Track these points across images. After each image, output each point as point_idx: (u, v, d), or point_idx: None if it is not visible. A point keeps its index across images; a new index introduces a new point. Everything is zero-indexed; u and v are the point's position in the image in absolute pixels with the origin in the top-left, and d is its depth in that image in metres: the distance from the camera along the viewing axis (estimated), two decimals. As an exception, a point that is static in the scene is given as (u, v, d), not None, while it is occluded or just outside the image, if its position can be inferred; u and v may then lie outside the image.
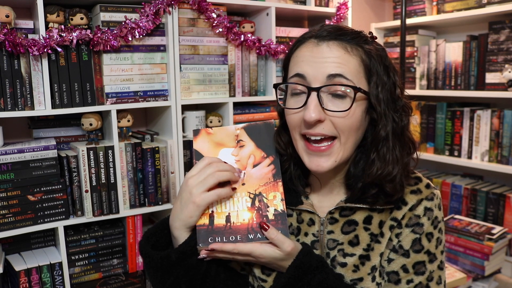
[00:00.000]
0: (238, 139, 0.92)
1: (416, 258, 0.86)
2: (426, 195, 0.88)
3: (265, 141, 0.92)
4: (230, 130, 0.92)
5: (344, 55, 0.80)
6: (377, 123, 0.83)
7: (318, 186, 0.94)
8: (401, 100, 0.85)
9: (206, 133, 0.92)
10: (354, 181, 0.88)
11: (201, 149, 0.91)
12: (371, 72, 0.82)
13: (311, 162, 0.84)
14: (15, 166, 1.41)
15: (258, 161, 0.91)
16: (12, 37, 1.33)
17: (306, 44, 0.84)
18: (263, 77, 1.89)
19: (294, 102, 0.84)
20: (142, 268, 1.68)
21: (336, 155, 0.83)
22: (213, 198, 0.84)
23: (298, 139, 0.85)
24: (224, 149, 0.91)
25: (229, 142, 0.92)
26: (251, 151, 0.91)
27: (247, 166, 0.90)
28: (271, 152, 0.91)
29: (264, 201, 0.88)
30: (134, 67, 1.59)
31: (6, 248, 1.56)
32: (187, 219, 0.84)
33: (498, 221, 1.98)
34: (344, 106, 0.80)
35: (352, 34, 0.83)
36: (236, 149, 0.91)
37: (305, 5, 1.97)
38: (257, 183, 0.89)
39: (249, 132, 0.92)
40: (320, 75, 0.80)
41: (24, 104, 1.42)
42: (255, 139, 0.92)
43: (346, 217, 0.89)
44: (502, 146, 1.94)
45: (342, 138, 0.82)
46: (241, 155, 0.91)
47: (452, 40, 2.21)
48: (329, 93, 0.80)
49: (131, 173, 1.61)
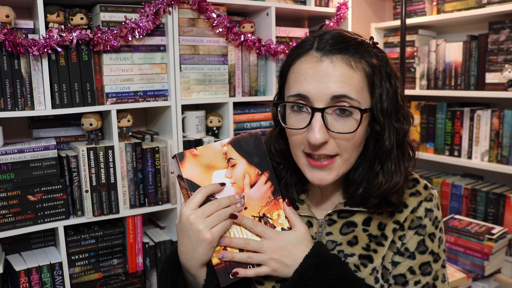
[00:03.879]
0: (228, 158, 0.84)
1: (422, 259, 0.86)
2: (425, 196, 0.89)
3: (256, 155, 0.86)
4: (216, 147, 0.84)
5: (349, 72, 0.77)
6: (380, 136, 0.82)
7: (317, 192, 0.93)
8: (402, 109, 0.84)
9: (192, 156, 0.83)
10: (353, 186, 0.87)
11: (193, 177, 0.83)
12: (374, 85, 0.80)
13: (313, 176, 0.82)
14: (15, 166, 1.41)
15: (254, 180, 0.85)
16: (12, 37, 1.33)
17: (307, 58, 0.80)
18: (263, 77, 1.89)
19: (296, 121, 0.81)
20: (142, 268, 1.68)
21: (338, 170, 0.82)
22: (221, 232, 0.81)
23: (300, 155, 0.84)
24: (216, 172, 0.84)
25: (219, 162, 0.84)
26: (244, 170, 0.85)
27: (244, 187, 0.85)
28: (265, 168, 0.86)
29: (270, 222, 0.86)
30: (134, 67, 1.59)
31: (6, 248, 1.56)
32: (202, 258, 0.81)
33: (498, 221, 1.98)
34: (349, 126, 0.78)
35: (355, 46, 0.79)
36: (228, 170, 0.85)
37: (305, 5, 1.97)
38: (258, 204, 0.86)
39: (237, 148, 0.85)
40: (323, 96, 0.77)
41: (24, 104, 1.42)
42: (245, 155, 0.85)
43: (344, 218, 0.89)
44: (502, 146, 1.94)
45: (344, 155, 0.81)
46: (235, 176, 0.85)
47: (452, 40, 2.21)
48: (334, 111, 0.78)
49: (131, 173, 1.61)
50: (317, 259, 0.82)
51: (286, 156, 0.91)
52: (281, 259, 0.82)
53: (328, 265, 0.82)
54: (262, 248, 0.82)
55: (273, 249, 0.82)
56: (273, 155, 0.93)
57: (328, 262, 0.82)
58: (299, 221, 0.86)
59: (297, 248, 0.83)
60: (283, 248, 0.83)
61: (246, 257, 0.82)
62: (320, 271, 0.81)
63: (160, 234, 1.77)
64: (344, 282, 0.81)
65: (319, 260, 0.82)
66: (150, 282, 1.73)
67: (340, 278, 0.81)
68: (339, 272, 0.82)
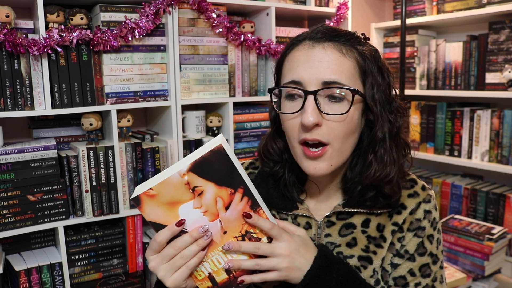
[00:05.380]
0: (192, 187, 0.74)
1: (421, 261, 0.87)
2: (424, 197, 0.89)
3: (224, 173, 0.74)
4: (175, 180, 0.73)
5: (340, 58, 0.79)
6: (373, 125, 0.83)
7: (315, 192, 0.93)
8: (395, 102, 0.85)
9: (149, 197, 0.74)
10: (351, 186, 0.87)
11: (157, 219, 0.76)
12: (366, 74, 0.82)
13: (308, 166, 0.82)
14: (15, 166, 1.41)
15: (228, 201, 0.76)
16: (12, 37, 1.33)
17: (300, 46, 0.83)
18: (263, 77, 1.89)
19: (290, 107, 0.82)
20: (142, 268, 1.68)
21: (330, 159, 0.81)
22: (185, 275, 0.77)
23: (296, 145, 0.83)
24: (182, 206, 0.75)
25: (183, 195, 0.74)
26: (214, 194, 0.75)
27: (218, 212, 0.76)
28: (237, 184, 0.75)
29: (254, 236, 0.80)
30: (134, 67, 1.59)
31: (6, 248, 1.56)
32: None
33: (498, 221, 1.98)
34: (341, 109, 0.79)
35: (346, 35, 0.82)
36: (196, 200, 0.75)
37: (305, 5, 1.97)
38: (239, 224, 0.78)
39: (200, 173, 0.73)
40: (315, 81, 0.78)
41: (24, 104, 1.42)
42: (211, 177, 0.74)
43: (343, 220, 0.89)
44: (502, 146, 1.94)
45: (335, 144, 0.80)
46: (205, 204, 0.75)
47: (452, 40, 2.21)
48: (326, 96, 0.79)
49: (131, 173, 1.61)
50: (326, 260, 0.80)
51: (283, 155, 0.92)
52: (293, 262, 0.78)
53: (336, 266, 0.81)
54: (274, 252, 0.78)
55: (286, 252, 0.78)
56: (270, 154, 0.93)
57: (335, 263, 0.82)
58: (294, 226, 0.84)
59: (307, 250, 0.81)
60: (297, 250, 0.79)
61: (254, 264, 0.78)
62: (331, 272, 0.80)
63: (160, 234, 1.77)
64: (352, 283, 0.81)
65: (328, 262, 0.81)
66: (150, 282, 1.73)
67: (349, 278, 0.81)
68: (346, 273, 0.81)
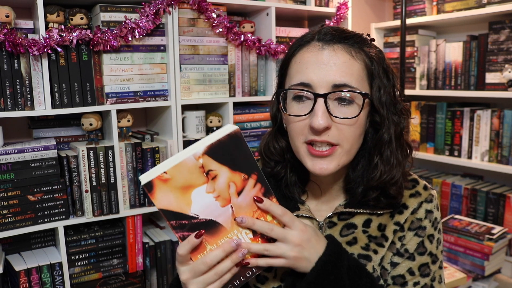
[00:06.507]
0: (206, 170, 0.73)
1: (421, 261, 0.87)
2: (425, 197, 0.89)
3: (239, 158, 0.73)
4: (190, 162, 0.72)
5: (349, 61, 0.79)
6: (380, 127, 0.83)
7: (316, 192, 0.93)
8: (400, 103, 0.86)
9: (162, 182, 0.71)
10: (354, 186, 0.87)
11: (169, 205, 0.73)
12: (373, 76, 0.82)
13: (314, 165, 0.82)
14: (15, 166, 1.41)
15: (240, 186, 0.75)
16: (12, 37, 1.33)
17: (309, 48, 0.82)
18: (263, 77, 1.89)
19: (298, 109, 0.81)
20: (142, 268, 1.68)
21: (339, 159, 0.82)
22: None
23: (300, 145, 0.83)
24: (195, 191, 0.73)
25: (197, 178, 0.73)
26: (228, 179, 0.74)
27: (230, 197, 0.75)
28: (251, 170, 0.75)
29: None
30: (134, 67, 1.59)
31: (6, 248, 1.56)
32: None
33: (498, 221, 1.98)
34: (351, 112, 0.79)
35: (355, 38, 0.82)
36: (209, 184, 0.74)
37: (305, 5, 1.97)
38: (250, 210, 0.77)
39: (215, 156, 0.72)
40: (325, 83, 0.78)
41: (24, 104, 1.42)
42: (226, 161, 0.73)
43: (344, 220, 0.89)
44: (502, 146, 1.94)
45: (345, 145, 0.81)
46: (218, 189, 0.74)
47: (452, 40, 2.21)
48: (335, 99, 0.79)
49: (131, 173, 1.61)
50: (337, 247, 0.80)
51: (285, 154, 0.91)
52: (302, 252, 0.77)
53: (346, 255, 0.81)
54: (286, 237, 0.76)
55: (297, 241, 0.76)
56: (272, 154, 0.93)
57: (345, 252, 0.82)
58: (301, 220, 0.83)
59: (318, 242, 0.79)
60: (308, 240, 0.78)
61: (263, 248, 0.76)
62: (342, 259, 0.79)
63: (160, 234, 1.77)
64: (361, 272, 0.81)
65: (340, 249, 0.81)
66: (150, 282, 1.73)
67: (358, 267, 0.82)
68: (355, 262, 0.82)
